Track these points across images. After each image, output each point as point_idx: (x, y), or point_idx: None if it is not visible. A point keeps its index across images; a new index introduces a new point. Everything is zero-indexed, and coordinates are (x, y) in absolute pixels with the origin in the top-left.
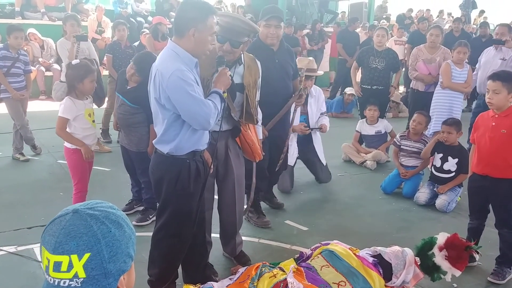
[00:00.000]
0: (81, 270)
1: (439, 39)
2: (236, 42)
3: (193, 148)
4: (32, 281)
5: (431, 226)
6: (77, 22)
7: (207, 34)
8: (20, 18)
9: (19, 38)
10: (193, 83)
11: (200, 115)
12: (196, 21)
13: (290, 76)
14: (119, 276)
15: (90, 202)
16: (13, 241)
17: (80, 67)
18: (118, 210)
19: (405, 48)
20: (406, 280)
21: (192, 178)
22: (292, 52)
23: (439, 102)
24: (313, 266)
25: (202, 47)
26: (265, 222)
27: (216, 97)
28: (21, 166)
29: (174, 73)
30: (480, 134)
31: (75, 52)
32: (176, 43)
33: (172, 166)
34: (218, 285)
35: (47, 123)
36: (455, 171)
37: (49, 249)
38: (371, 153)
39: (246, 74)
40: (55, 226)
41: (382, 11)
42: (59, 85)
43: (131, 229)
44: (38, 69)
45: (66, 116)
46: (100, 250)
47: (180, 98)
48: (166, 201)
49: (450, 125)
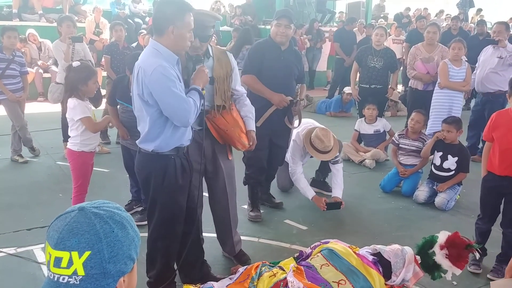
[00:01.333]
0: (81, 267)
1: (436, 36)
2: (205, 36)
3: (177, 144)
4: (32, 282)
5: (431, 224)
6: (73, 23)
7: (186, 31)
8: (17, 20)
9: (12, 37)
10: (175, 80)
11: (181, 112)
12: (175, 19)
13: (294, 76)
14: (119, 278)
15: (98, 201)
16: (13, 242)
17: (83, 69)
18: (125, 211)
19: (403, 47)
20: (405, 278)
21: (178, 173)
22: (299, 55)
23: (439, 101)
24: (313, 265)
25: (182, 43)
26: (254, 216)
27: (195, 94)
28: (19, 167)
29: (157, 69)
30: (502, 134)
31: (71, 54)
32: (157, 41)
33: (158, 163)
34: (218, 285)
35: (46, 125)
36: (454, 169)
37: (51, 244)
38: (370, 152)
39: (216, 67)
40: (60, 222)
41: (380, 10)
42: (55, 87)
43: (135, 231)
44: (36, 71)
45: (88, 115)
46: (100, 249)
47: (162, 94)
48: (155, 199)
49: (450, 123)
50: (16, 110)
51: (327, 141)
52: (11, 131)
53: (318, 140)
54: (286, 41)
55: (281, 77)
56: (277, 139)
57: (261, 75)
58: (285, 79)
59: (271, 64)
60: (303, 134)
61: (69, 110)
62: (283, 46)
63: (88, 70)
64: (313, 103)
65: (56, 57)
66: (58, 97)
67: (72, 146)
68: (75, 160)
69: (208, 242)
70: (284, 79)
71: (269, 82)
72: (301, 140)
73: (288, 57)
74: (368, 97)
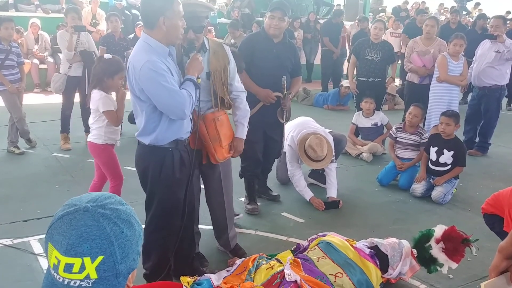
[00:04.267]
0: (93, 272)
1: (434, 29)
2: (199, 27)
3: (174, 137)
4: (28, 273)
5: (427, 217)
6: (78, 15)
7: (177, 19)
8: (13, 10)
9: (9, 28)
10: (165, 73)
11: (174, 105)
12: (164, 9)
13: (286, 69)
14: (129, 275)
15: (98, 197)
16: (9, 234)
17: (113, 63)
18: (126, 205)
19: (401, 40)
20: (402, 271)
21: (176, 166)
22: (294, 48)
23: (438, 95)
24: (310, 257)
25: (174, 33)
26: (251, 209)
27: (190, 84)
28: (16, 159)
29: (145, 65)
30: None
31: (75, 44)
32: (149, 34)
33: (155, 155)
34: (215, 277)
35: (42, 116)
36: (451, 163)
37: (60, 250)
38: (367, 146)
39: (212, 60)
40: (64, 224)
41: (378, 3)
42: (58, 77)
43: (139, 225)
44: (32, 62)
45: (111, 109)
46: (113, 253)
47: (153, 89)
48: (153, 191)
49: (449, 116)
50: (14, 101)
51: (319, 151)
52: (9, 123)
53: (311, 149)
54: (280, 34)
55: (272, 70)
56: (271, 132)
57: (252, 67)
58: (276, 72)
59: (262, 56)
60: (297, 140)
61: (93, 100)
62: (276, 38)
63: (117, 65)
64: (311, 96)
65: (61, 47)
66: (60, 86)
67: (96, 139)
68: (101, 154)
69: (205, 235)
70: (274, 71)
71: (259, 74)
72: (296, 146)
73: (281, 49)
74: (366, 90)
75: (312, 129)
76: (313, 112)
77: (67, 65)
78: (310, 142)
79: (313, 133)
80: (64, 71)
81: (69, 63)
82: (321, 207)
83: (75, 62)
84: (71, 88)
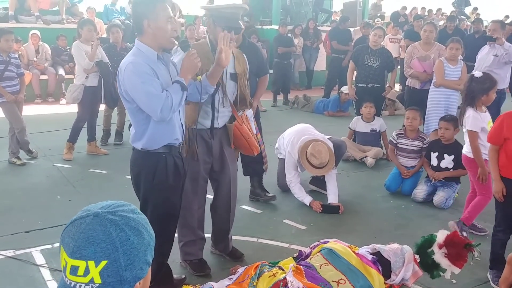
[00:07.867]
0: (97, 276)
1: (433, 35)
2: (238, 28)
3: (168, 141)
4: (31, 285)
5: (429, 223)
6: (94, 27)
7: (162, 21)
8: (14, 22)
9: (9, 41)
10: (146, 75)
11: (150, 106)
12: (146, 13)
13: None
14: (135, 283)
15: (112, 204)
16: (11, 245)
17: (485, 79)
18: (140, 214)
19: (400, 47)
20: (405, 277)
21: (170, 172)
22: (256, 48)
23: (436, 100)
24: (312, 264)
25: (163, 35)
26: (270, 197)
27: (175, 86)
28: (17, 170)
29: (128, 66)
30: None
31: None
32: (140, 40)
33: (148, 160)
34: (218, 285)
35: (43, 127)
36: (452, 168)
37: (67, 252)
38: (373, 151)
39: (236, 64)
40: (74, 228)
41: (377, 9)
42: (75, 87)
43: (150, 235)
44: (33, 73)
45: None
46: (117, 258)
47: (133, 90)
48: (146, 197)
49: (448, 121)
50: (15, 112)
51: (321, 158)
52: (9, 134)
53: (313, 157)
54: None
55: None
56: None
57: None
58: None
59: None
60: (298, 148)
61: None
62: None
63: (491, 80)
64: (311, 102)
65: (77, 58)
66: (77, 96)
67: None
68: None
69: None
70: None
71: None
72: (296, 153)
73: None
74: (365, 96)
75: (312, 136)
76: (313, 119)
77: (84, 75)
78: (311, 149)
79: (314, 140)
80: (81, 81)
81: (86, 74)
82: (319, 209)
83: (92, 72)
84: (87, 98)
